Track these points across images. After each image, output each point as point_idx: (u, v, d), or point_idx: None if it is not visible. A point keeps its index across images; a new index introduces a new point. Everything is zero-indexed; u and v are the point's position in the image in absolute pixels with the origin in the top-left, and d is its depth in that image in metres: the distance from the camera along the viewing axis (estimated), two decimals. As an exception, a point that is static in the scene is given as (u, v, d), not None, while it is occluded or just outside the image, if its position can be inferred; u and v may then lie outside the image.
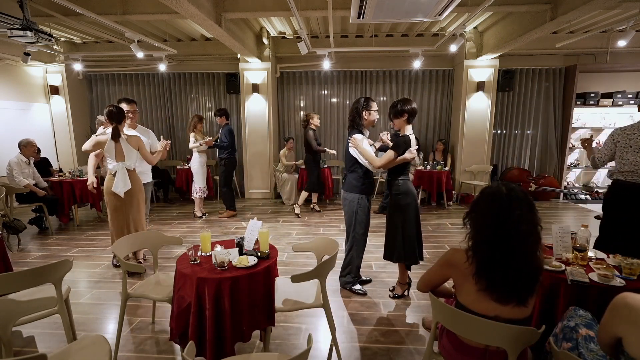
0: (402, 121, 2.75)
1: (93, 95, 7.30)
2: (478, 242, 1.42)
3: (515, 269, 1.36)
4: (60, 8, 4.21)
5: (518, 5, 4.14)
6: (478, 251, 1.41)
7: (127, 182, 3.22)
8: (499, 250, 1.37)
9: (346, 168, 2.99)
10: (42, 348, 2.32)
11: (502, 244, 1.37)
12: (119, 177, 3.18)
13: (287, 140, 6.46)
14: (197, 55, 6.55)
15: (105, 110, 3.19)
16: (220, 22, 4.17)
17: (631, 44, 5.15)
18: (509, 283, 1.36)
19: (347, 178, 2.99)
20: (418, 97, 6.88)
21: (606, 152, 2.83)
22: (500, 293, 1.37)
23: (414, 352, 2.25)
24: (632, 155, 2.64)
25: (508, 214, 1.36)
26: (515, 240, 1.36)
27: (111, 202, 3.25)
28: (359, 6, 2.98)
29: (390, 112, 2.83)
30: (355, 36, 6.21)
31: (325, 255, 2.26)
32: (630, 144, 2.66)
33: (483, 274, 1.39)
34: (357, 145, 2.78)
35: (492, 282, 1.38)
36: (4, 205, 4.24)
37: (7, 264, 2.47)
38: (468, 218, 1.49)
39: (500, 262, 1.37)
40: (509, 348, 1.32)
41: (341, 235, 4.61)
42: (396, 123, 2.80)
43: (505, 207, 1.37)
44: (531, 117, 6.70)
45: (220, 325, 1.81)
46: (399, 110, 2.73)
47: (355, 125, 2.88)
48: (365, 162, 2.80)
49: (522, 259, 1.37)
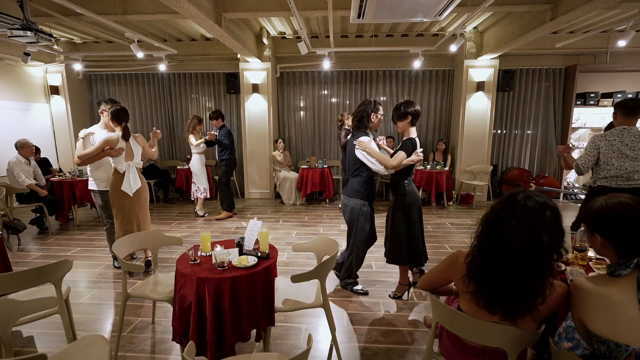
0: (405, 123, 2.71)
1: (93, 96, 7.29)
2: (475, 244, 1.41)
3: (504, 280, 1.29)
4: (60, 8, 4.20)
5: (518, 5, 4.14)
6: (472, 252, 1.40)
7: (137, 180, 3.27)
8: (490, 257, 1.32)
9: (348, 172, 2.88)
10: (42, 348, 2.32)
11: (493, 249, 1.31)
12: (129, 176, 3.18)
13: (276, 141, 6.55)
14: (197, 55, 6.55)
15: (112, 110, 3.15)
16: (220, 22, 4.17)
17: (631, 44, 5.15)
18: (497, 291, 1.31)
19: (349, 182, 2.87)
20: (418, 97, 6.88)
21: (589, 158, 2.88)
22: (486, 300, 1.34)
23: (414, 352, 2.25)
24: (617, 161, 2.73)
25: (505, 220, 1.29)
26: (506, 250, 1.27)
27: (119, 202, 3.20)
28: (359, 6, 2.98)
29: (393, 114, 2.77)
30: (355, 36, 6.21)
31: (325, 255, 2.26)
32: (613, 150, 2.74)
33: (472, 276, 1.37)
34: (366, 147, 2.68)
35: (479, 286, 1.35)
36: (4, 205, 4.24)
37: (6, 264, 2.47)
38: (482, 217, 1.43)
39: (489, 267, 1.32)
40: (508, 349, 1.32)
41: (341, 235, 4.61)
42: (400, 126, 2.75)
43: (507, 213, 1.30)
44: (531, 117, 6.70)
45: (221, 325, 1.81)
46: (402, 112, 2.68)
47: (362, 127, 2.79)
48: (374, 165, 2.71)
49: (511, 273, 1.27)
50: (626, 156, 2.71)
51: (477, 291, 1.37)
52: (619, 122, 2.82)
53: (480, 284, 1.35)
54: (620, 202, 1.23)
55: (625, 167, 2.72)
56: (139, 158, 3.34)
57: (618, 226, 1.22)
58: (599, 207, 1.28)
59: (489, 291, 1.33)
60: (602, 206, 1.26)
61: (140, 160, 3.39)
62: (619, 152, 2.72)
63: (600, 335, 1.18)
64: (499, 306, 1.33)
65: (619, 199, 1.24)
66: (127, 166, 3.20)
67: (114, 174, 3.21)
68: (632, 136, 2.70)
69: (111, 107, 3.21)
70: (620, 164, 2.72)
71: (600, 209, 1.26)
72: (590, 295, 1.22)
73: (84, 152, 3.20)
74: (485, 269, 1.34)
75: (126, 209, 3.22)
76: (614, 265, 1.24)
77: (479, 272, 1.36)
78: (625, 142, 2.72)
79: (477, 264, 1.37)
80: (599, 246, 1.29)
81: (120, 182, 3.17)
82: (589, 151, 2.88)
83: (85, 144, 3.34)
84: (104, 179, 3.40)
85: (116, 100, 3.47)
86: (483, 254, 1.36)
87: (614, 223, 1.23)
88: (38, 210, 4.87)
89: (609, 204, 1.25)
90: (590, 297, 1.22)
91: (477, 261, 1.37)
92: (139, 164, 3.32)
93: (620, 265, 1.22)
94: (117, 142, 3.15)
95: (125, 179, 3.18)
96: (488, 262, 1.33)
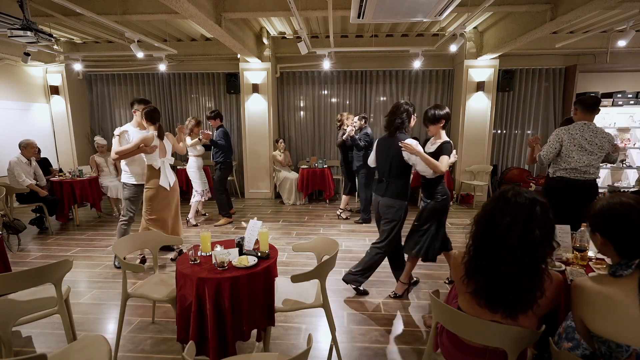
0: (438, 127, 2.75)
1: (93, 95, 7.30)
2: (470, 244, 1.42)
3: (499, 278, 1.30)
4: (60, 8, 4.21)
5: (518, 5, 4.14)
6: (468, 252, 1.41)
7: (172, 175, 3.51)
8: (485, 255, 1.33)
9: (390, 174, 2.82)
10: (42, 348, 2.32)
11: (488, 248, 1.33)
12: (165, 172, 3.40)
13: (276, 141, 6.56)
14: (197, 55, 6.55)
15: (145, 111, 3.32)
16: (220, 22, 4.17)
17: (631, 44, 5.14)
18: (494, 290, 1.32)
19: (391, 185, 2.81)
20: (418, 97, 6.88)
21: (552, 150, 2.98)
22: (487, 298, 1.35)
23: (414, 352, 2.25)
24: (577, 154, 2.88)
25: (498, 218, 1.30)
26: (501, 248, 1.29)
27: (156, 197, 3.36)
28: (359, 6, 2.98)
29: (425, 118, 2.78)
30: (355, 36, 6.21)
31: (325, 255, 2.26)
32: (574, 143, 2.89)
33: (471, 276, 1.38)
34: (419, 151, 2.61)
35: (479, 285, 1.36)
36: (4, 205, 4.25)
37: (6, 264, 2.47)
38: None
39: (485, 266, 1.34)
40: (508, 349, 1.32)
41: (341, 235, 4.62)
42: (432, 129, 2.77)
43: (499, 210, 1.32)
44: (531, 117, 6.70)
45: (221, 325, 1.81)
46: (436, 116, 2.71)
47: (404, 129, 2.78)
48: (425, 168, 2.66)
49: (507, 271, 1.29)
50: (585, 150, 2.86)
51: (476, 291, 1.37)
52: (579, 117, 2.96)
53: (479, 283, 1.36)
54: (622, 201, 1.22)
55: (583, 160, 2.87)
56: (170, 154, 3.56)
57: (618, 226, 1.21)
58: (600, 207, 1.27)
59: (488, 290, 1.34)
60: (603, 205, 1.26)
61: (171, 156, 3.60)
62: (579, 146, 2.86)
63: (601, 335, 1.18)
64: (500, 304, 1.33)
65: (621, 199, 1.23)
66: (162, 162, 3.39)
67: (149, 170, 3.38)
68: (591, 131, 2.86)
69: (144, 107, 3.38)
70: (580, 157, 2.87)
71: (602, 209, 1.26)
72: (591, 295, 1.22)
73: (121, 148, 3.35)
74: (482, 268, 1.35)
75: (163, 202, 3.40)
76: (615, 265, 1.24)
77: (476, 272, 1.37)
78: (585, 137, 2.86)
79: (474, 263, 1.38)
80: (599, 246, 1.29)
81: (157, 178, 3.36)
82: (552, 143, 2.99)
83: (121, 141, 3.48)
84: (139, 172, 3.58)
85: (148, 101, 3.65)
86: (478, 253, 1.37)
87: (614, 223, 1.22)
88: (38, 210, 4.87)
89: (610, 203, 1.24)
90: (591, 297, 1.22)
91: (473, 261, 1.38)
92: (171, 160, 3.56)
93: (621, 266, 1.22)
94: (153, 139, 3.31)
95: (162, 174, 3.37)
96: (484, 261, 1.34)
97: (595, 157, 2.86)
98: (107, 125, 7.35)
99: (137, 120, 3.58)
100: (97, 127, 7.34)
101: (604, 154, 2.88)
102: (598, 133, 2.86)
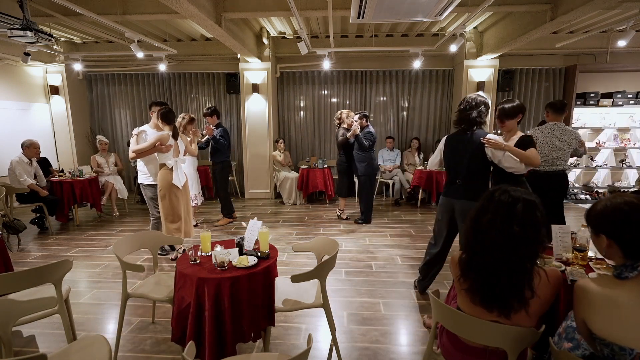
0: (516, 121, 2.58)
1: (93, 95, 7.30)
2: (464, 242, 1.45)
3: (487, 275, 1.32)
4: (60, 8, 4.21)
5: (518, 5, 4.14)
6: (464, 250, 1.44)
7: (183, 175, 3.58)
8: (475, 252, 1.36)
9: (470, 175, 2.55)
10: (42, 348, 2.32)
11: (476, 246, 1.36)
12: (178, 171, 3.47)
13: (276, 141, 6.57)
14: (197, 55, 6.55)
15: (161, 112, 3.41)
16: (220, 22, 4.17)
17: (631, 44, 5.14)
18: (485, 286, 1.33)
19: (469, 186, 2.54)
20: (418, 97, 6.88)
21: None
22: (481, 296, 1.36)
23: (414, 352, 2.25)
24: (548, 149, 3.36)
25: (481, 216, 1.34)
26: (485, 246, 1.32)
27: (169, 195, 3.43)
28: (359, 6, 2.98)
29: (502, 113, 2.60)
30: (355, 36, 6.21)
31: (325, 255, 2.26)
32: (546, 141, 3.37)
33: (465, 272, 1.40)
34: (507, 145, 2.38)
35: (472, 282, 1.37)
36: (4, 205, 4.25)
37: (7, 263, 2.47)
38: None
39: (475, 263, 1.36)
40: (508, 349, 1.32)
41: (341, 235, 4.61)
42: (508, 124, 2.60)
43: (484, 209, 1.35)
44: (531, 117, 6.69)
45: (221, 325, 1.81)
46: (515, 109, 2.54)
47: (481, 124, 2.57)
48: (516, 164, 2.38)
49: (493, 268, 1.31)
50: (555, 146, 3.35)
51: (470, 288, 1.38)
52: (550, 119, 3.46)
53: (472, 280, 1.38)
54: (625, 201, 1.20)
55: (552, 155, 3.36)
56: (182, 154, 3.66)
57: (626, 226, 1.19)
58: (603, 207, 1.24)
59: (480, 286, 1.35)
60: (607, 206, 1.23)
61: (184, 156, 3.70)
62: (550, 143, 3.36)
63: (604, 337, 1.17)
64: (494, 303, 1.33)
65: (624, 198, 1.21)
66: (175, 162, 3.45)
67: (162, 169, 3.44)
68: (561, 130, 3.37)
69: (160, 109, 3.45)
70: (550, 152, 3.36)
71: (605, 209, 1.23)
72: (595, 297, 1.20)
73: (138, 147, 3.45)
74: (473, 265, 1.37)
75: (175, 201, 3.46)
76: (620, 267, 1.22)
77: (469, 269, 1.39)
78: (556, 135, 3.36)
79: (467, 260, 1.40)
80: (605, 247, 1.26)
81: (170, 177, 3.42)
82: None
83: (139, 140, 3.55)
84: (154, 173, 3.68)
85: (165, 103, 3.81)
86: (469, 251, 1.40)
87: (621, 223, 1.19)
88: (38, 210, 4.87)
89: (614, 203, 1.22)
90: (594, 299, 1.20)
91: (467, 258, 1.41)
92: (184, 160, 3.65)
93: (626, 268, 1.20)
94: (168, 139, 3.40)
95: (174, 173, 3.43)
96: (475, 258, 1.37)
97: (564, 153, 3.36)
98: (107, 125, 7.35)
99: (154, 122, 3.69)
100: (97, 127, 7.34)
101: (572, 149, 3.38)
102: (567, 131, 3.36)
